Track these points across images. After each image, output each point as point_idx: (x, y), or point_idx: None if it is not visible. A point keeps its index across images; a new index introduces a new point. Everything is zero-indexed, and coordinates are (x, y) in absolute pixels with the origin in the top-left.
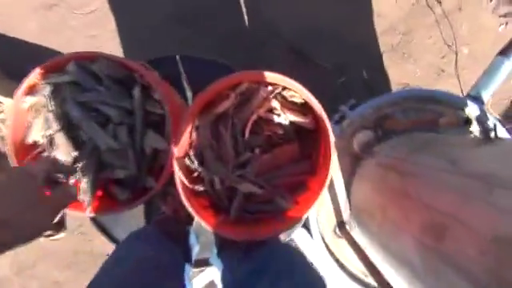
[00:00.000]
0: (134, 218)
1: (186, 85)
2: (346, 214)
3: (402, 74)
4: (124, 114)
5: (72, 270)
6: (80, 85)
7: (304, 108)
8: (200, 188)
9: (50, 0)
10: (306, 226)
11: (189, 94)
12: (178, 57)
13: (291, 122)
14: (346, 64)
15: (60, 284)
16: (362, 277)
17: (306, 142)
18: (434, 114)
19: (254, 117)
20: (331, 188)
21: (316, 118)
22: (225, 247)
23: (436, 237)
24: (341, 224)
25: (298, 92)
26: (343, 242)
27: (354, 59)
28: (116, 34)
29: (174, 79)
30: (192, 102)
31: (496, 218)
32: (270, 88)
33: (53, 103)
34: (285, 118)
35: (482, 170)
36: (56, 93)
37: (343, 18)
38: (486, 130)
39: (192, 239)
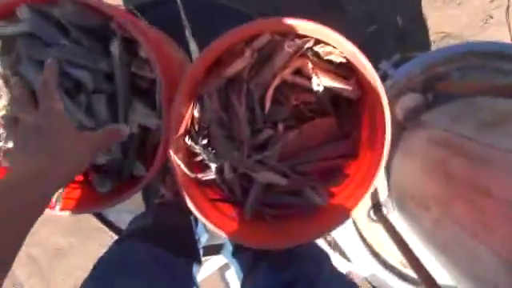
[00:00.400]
0: (130, 200)
1: (188, 35)
2: (383, 195)
3: (441, 20)
4: (101, 79)
5: (76, 236)
6: (39, 38)
7: (343, 69)
8: (205, 177)
9: None
10: None
11: (192, 46)
12: None
13: (326, 89)
14: (378, 10)
15: (64, 250)
16: (398, 267)
17: (345, 116)
18: (500, 75)
19: (277, 81)
20: None
21: (360, 84)
22: (241, 248)
23: None
24: (376, 206)
25: (339, 47)
26: (378, 227)
27: (386, 3)
28: None
29: (171, 29)
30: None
31: None
32: (298, 41)
33: (1, 64)
34: (318, 82)
35: None
36: (5, 49)
37: None
38: None
39: (199, 228)
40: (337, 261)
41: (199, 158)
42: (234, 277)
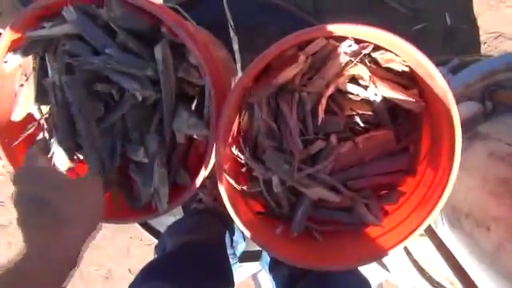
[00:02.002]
0: None
1: (232, 33)
2: None
3: (494, 20)
4: (147, 85)
5: (107, 228)
6: (85, 40)
7: (404, 79)
8: (251, 189)
9: None
10: None
11: (235, 46)
12: None
13: (384, 99)
14: (425, 7)
15: (97, 242)
16: (445, 284)
17: (403, 128)
18: None
19: (331, 89)
20: None
21: (423, 95)
22: (281, 263)
23: None
24: None
25: (403, 55)
26: (424, 241)
27: (434, 1)
28: None
29: (215, 27)
30: (244, 67)
31: None
32: (355, 47)
33: (47, 66)
34: (376, 91)
35: None
36: (50, 49)
37: None
38: None
39: (237, 235)
40: (373, 269)
41: (245, 169)
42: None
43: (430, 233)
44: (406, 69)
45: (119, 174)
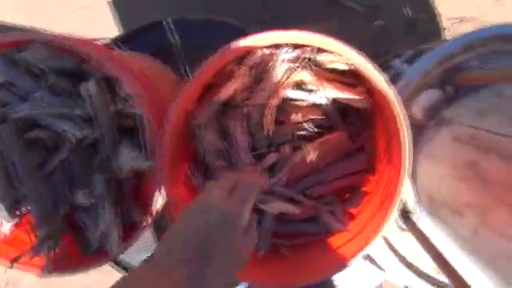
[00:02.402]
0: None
1: (182, 59)
2: (410, 202)
3: (452, 6)
4: (83, 125)
5: (97, 271)
6: (12, 86)
7: (351, 77)
8: None
9: None
10: None
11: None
12: (167, 21)
13: (333, 101)
14: (383, 3)
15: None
16: (432, 274)
17: (356, 128)
18: None
19: (276, 99)
20: None
21: (371, 92)
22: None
23: None
24: (404, 214)
25: (342, 54)
26: (408, 237)
27: None
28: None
29: (166, 54)
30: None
31: None
32: (294, 53)
33: None
34: (322, 94)
35: None
36: None
37: None
38: None
39: None
40: (370, 270)
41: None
42: None
43: (412, 226)
44: (347, 67)
45: (70, 221)
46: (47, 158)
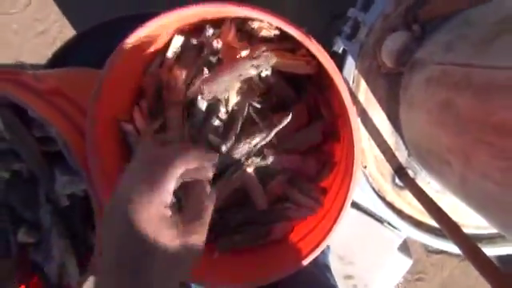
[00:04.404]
0: None
1: None
2: (402, 157)
3: None
4: (10, 160)
5: None
6: None
7: (287, 43)
8: None
9: None
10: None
11: None
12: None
13: (279, 73)
14: None
15: None
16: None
17: (309, 96)
18: None
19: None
20: (372, 128)
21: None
22: None
23: None
24: (400, 170)
25: (264, 19)
26: (408, 194)
27: None
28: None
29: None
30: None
31: None
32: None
33: None
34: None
35: None
36: None
37: None
38: None
39: None
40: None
41: None
42: None
43: (408, 182)
44: (276, 32)
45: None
46: None
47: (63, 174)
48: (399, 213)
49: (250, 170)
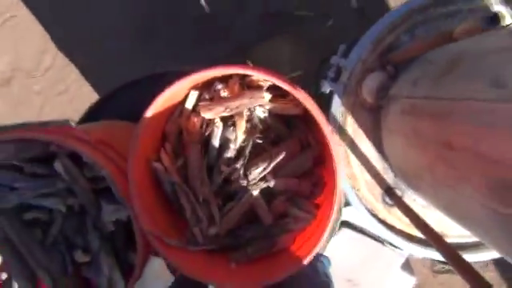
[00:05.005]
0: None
1: None
2: (389, 178)
3: None
4: (65, 196)
5: None
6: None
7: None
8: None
9: (5, 75)
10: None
11: None
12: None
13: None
14: (328, 4)
15: None
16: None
17: (299, 131)
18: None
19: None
20: (361, 156)
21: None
22: None
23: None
24: (389, 190)
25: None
26: (397, 211)
27: None
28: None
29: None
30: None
31: None
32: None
33: None
34: (261, 109)
35: None
36: None
37: None
38: None
39: None
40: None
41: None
42: None
43: (397, 200)
44: (269, 82)
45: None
46: (47, 231)
47: (109, 203)
48: (392, 228)
49: (256, 192)
